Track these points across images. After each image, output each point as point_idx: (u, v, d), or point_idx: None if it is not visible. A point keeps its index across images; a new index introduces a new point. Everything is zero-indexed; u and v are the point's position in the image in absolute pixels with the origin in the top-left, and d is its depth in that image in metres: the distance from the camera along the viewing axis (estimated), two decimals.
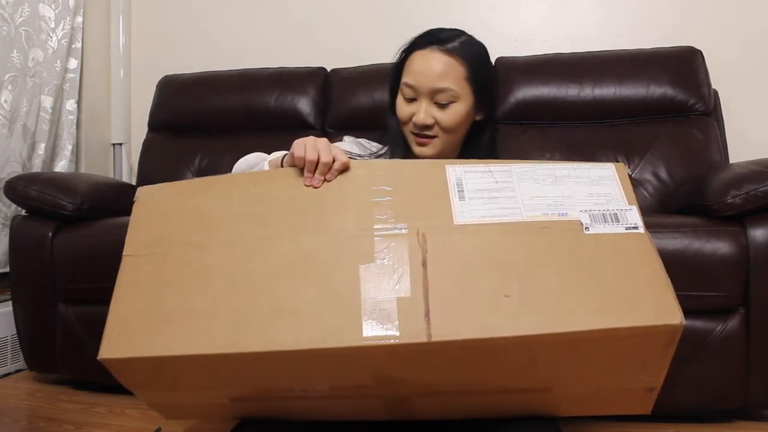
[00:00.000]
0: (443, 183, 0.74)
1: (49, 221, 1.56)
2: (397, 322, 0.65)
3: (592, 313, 0.64)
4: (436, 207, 0.72)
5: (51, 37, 2.01)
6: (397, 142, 1.11)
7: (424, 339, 0.63)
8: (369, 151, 1.13)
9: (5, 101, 1.85)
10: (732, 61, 1.87)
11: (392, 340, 0.64)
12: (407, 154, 1.12)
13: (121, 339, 0.70)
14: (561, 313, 0.64)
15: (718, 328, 1.23)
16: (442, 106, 1.02)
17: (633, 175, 1.70)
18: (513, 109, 1.83)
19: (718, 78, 1.79)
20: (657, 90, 1.74)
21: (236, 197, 0.77)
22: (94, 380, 1.55)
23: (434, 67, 1.02)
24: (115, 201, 1.73)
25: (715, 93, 1.78)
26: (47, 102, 1.99)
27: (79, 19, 2.13)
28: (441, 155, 1.06)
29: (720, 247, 1.21)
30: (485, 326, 0.64)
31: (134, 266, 0.75)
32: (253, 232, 0.73)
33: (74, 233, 1.55)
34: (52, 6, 2.01)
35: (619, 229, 0.70)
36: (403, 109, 1.06)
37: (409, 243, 0.69)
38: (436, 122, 1.03)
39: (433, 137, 1.04)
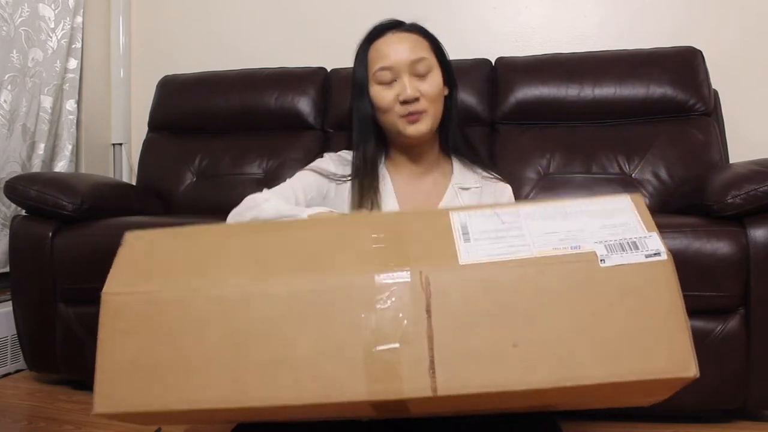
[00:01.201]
0: (447, 227, 0.70)
1: (49, 221, 1.56)
2: (401, 375, 0.62)
3: (602, 364, 0.61)
4: (439, 248, 0.68)
5: (51, 37, 2.01)
6: (367, 135, 1.11)
7: (429, 394, 0.61)
8: (350, 163, 1.13)
9: (5, 101, 1.85)
10: (732, 61, 1.87)
11: (397, 395, 0.62)
12: (380, 145, 1.12)
13: (114, 392, 0.68)
14: (570, 365, 0.61)
15: (718, 328, 1.23)
16: (422, 77, 1.05)
17: (633, 175, 1.70)
18: (513, 109, 1.83)
19: (718, 78, 1.79)
20: (657, 90, 1.74)
21: (231, 243, 0.73)
22: (94, 380, 1.54)
23: (404, 44, 1.07)
24: (115, 201, 1.74)
25: (715, 93, 1.78)
26: (47, 102, 1.99)
27: (79, 19, 2.13)
28: (430, 131, 1.08)
29: (720, 247, 1.21)
30: (492, 380, 0.61)
31: (117, 308, 0.70)
32: (248, 274, 0.70)
33: (74, 233, 1.55)
34: (52, 6, 2.01)
35: (639, 257, 0.64)
36: (384, 95, 1.06)
37: (411, 287, 0.65)
38: (422, 94, 1.04)
39: (422, 112, 1.05)
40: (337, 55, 2.11)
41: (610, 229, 0.67)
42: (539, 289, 0.64)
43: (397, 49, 1.05)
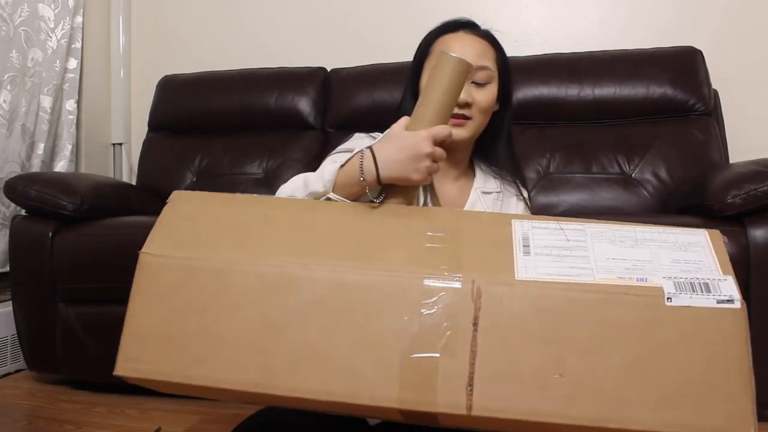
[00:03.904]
0: (507, 236, 0.67)
1: (49, 221, 1.56)
2: (436, 387, 0.59)
3: (653, 410, 0.57)
4: (496, 259, 0.64)
5: (50, 37, 2.01)
6: None
7: (463, 411, 0.59)
8: None
9: (4, 101, 1.85)
10: (732, 61, 1.87)
11: (429, 407, 0.59)
12: None
13: (139, 356, 0.66)
14: (618, 405, 0.57)
15: None
16: (480, 86, 1.04)
17: (633, 175, 1.70)
18: (513, 109, 1.82)
19: (718, 78, 1.79)
20: (657, 90, 1.74)
21: (278, 220, 0.70)
22: (94, 380, 1.55)
23: (473, 47, 1.04)
24: (115, 201, 1.74)
25: (715, 93, 1.78)
26: (46, 102, 1.99)
27: (79, 19, 2.13)
28: (471, 139, 1.07)
29: None
30: (531, 408, 0.58)
31: (154, 270, 0.68)
32: (290, 256, 0.66)
33: (74, 233, 1.55)
34: (52, 6, 2.01)
35: (710, 301, 0.59)
36: None
37: (461, 296, 0.61)
38: (474, 102, 1.03)
39: (468, 118, 1.04)
40: (337, 55, 2.12)
41: (682, 264, 0.62)
42: (596, 319, 0.60)
43: (464, 50, 1.02)
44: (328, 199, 0.85)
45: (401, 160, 0.80)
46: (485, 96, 1.04)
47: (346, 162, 0.85)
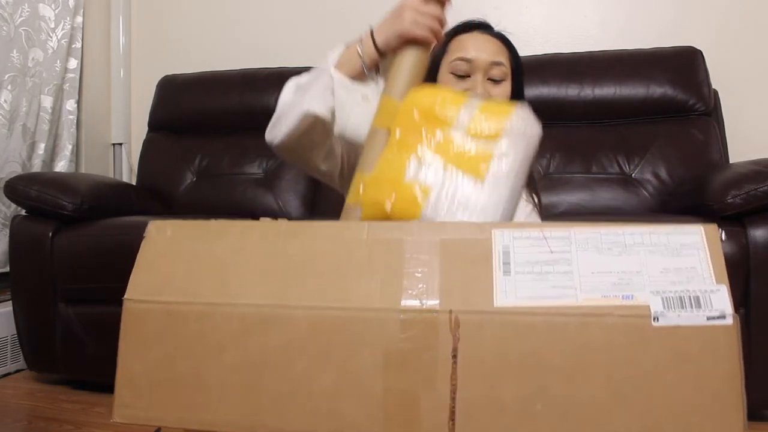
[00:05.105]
0: (487, 251, 0.64)
1: (49, 221, 1.56)
2: (420, 422, 0.60)
3: None
4: (475, 282, 0.63)
5: (51, 37, 2.01)
6: None
7: None
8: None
9: (5, 101, 1.85)
10: (732, 61, 1.87)
11: None
12: None
13: (133, 402, 0.68)
14: None
15: None
16: (496, 83, 1.04)
17: (633, 175, 1.70)
18: None
19: (718, 78, 1.79)
20: (657, 90, 1.74)
21: (253, 247, 0.71)
22: (94, 380, 1.55)
23: (488, 45, 1.06)
24: (115, 201, 1.74)
25: (715, 93, 1.78)
26: (47, 102, 1.99)
27: (79, 19, 2.13)
28: None
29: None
30: None
31: (138, 317, 0.69)
32: (268, 295, 0.67)
33: (74, 233, 1.55)
34: (52, 6, 2.01)
35: (700, 318, 0.56)
36: (453, 85, 1.05)
37: (440, 328, 0.61)
38: (490, 98, 1.03)
39: None
40: None
41: (672, 274, 0.59)
42: (579, 345, 0.58)
43: (479, 47, 1.05)
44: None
45: (388, 19, 0.93)
46: (501, 92, 1.05)
47: (352, 44, 0.94)
